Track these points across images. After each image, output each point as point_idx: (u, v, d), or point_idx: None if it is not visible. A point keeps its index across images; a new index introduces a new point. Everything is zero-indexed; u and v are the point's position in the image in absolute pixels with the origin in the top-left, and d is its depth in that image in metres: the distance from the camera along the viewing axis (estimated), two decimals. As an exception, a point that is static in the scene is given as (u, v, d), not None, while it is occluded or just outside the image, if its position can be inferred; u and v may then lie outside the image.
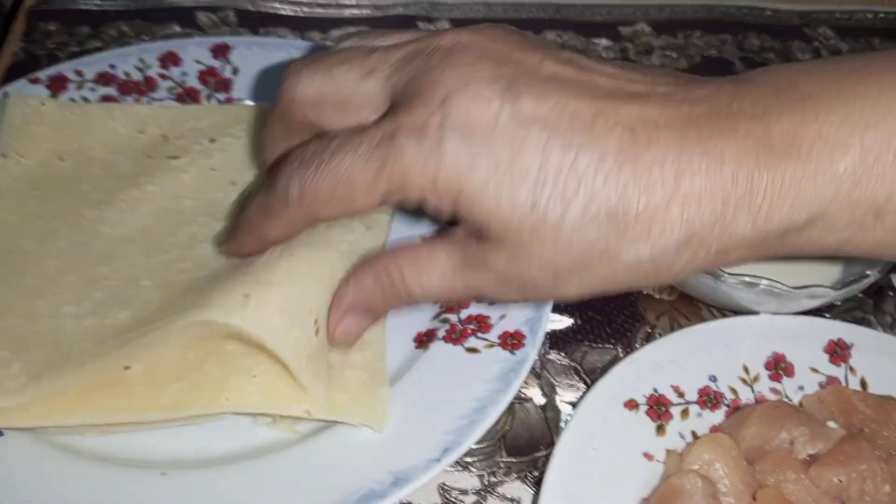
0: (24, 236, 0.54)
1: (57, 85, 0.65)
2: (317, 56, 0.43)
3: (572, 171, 0.36)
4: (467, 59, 0.38)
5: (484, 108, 0.37)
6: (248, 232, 0.46)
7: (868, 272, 0.54)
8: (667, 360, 0.53)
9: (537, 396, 0.55)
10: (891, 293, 0.63)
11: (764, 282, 0.52)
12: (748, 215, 0.36)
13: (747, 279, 0.52)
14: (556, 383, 0.55)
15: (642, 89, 0.38)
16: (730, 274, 0.52)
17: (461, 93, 0.37)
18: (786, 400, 0.52)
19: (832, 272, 0.59)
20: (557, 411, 0.54)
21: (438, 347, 0.53)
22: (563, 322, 0.59)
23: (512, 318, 0.54)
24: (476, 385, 0.50)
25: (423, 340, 0.54)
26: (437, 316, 0.55)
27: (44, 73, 0.66)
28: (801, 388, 0.53)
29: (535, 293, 0.41)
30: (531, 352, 0.51)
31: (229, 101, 0.67)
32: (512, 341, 0.52)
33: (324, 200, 0.40)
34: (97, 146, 0.60)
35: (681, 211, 0.36)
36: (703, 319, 0.59)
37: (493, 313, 0.54)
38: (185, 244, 0.54)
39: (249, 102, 0.67)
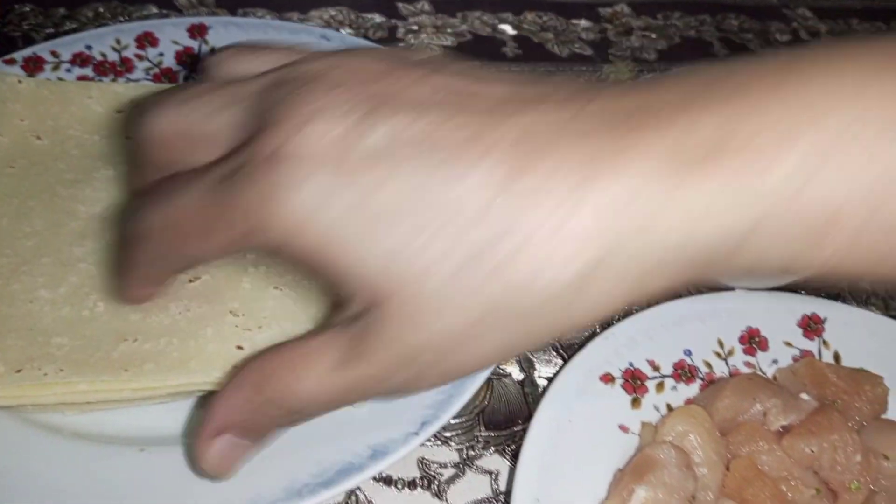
0: None
1: (32, 66, 0.65)
2: (170, 91, 0.38)
3: (444, 205, 0.29)
4: (328, 85, 0.32)
5: (339, 136, 0.30)
6: (128, 277, 0.43)
7: (840, 247, 0.54)
8: (642, 335, 0.53)
9: (516, 372, 0.55)
10: (864, 269, 0.64)
11: (738, 256, 0.53)
12: (665, 234, 0.29)
13: (722, 254, 0.53)
14: (535, 359, 0.56)
15: (543, 91, 0.32)
16: (704, 249, 0.53)
17: (316, 120, 0.31)
18: (760, 373, 0.53)
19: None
20: (536, 386, 0.55)
21: (417, 324, 0.53)
22: (542, 299, 0.59)
23: (490, 295, 0.54)
24: (454, 360, 0.50)
25: (402, 318, 0.54)
26: (416, 294, 0.56)
27: (19, 55, 0.65)
28: (775, 361, 0.54)
29: (434, 374, 0.33)
30: (509, 327, 0.52)
31: (207, 81, 0.67)
32: (490, 317, 0.52)
33: (160, 242, 0.36)
34: (74, 125, 0.60)
35: (585, 235, 0.29)
36: (678, 296, 0.60)
37: (471, 290, 0.54)
38: None
39: (227, 83, 0.67)
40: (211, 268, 0.51)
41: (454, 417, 0.51)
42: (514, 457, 0.51)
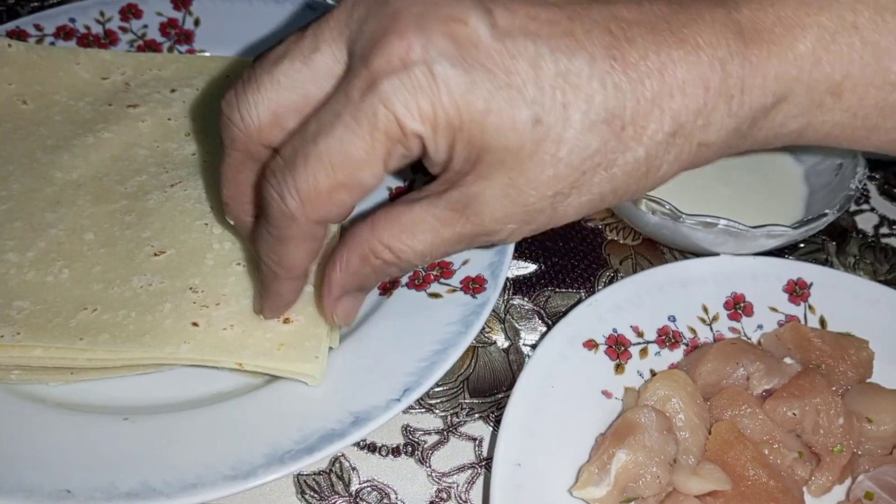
0: None
1: (16, 39, 0.64)
2: (248, 74, 0.39)
3: (567, 78, 0.35)
4: None
5: (462, 26, 0.34)
6: (276, 280, 0.43)
7: (827, 211, 0.54)
8: (626, 302, 0.53)
9: (501, 340, 0.55)
10: (854, 235, 0.64)
11: (722, 221, 0.52)
12: (725, 102, 0.37)
13: (707, 220, 0.53)
14: (520, 327, 0.56)
15: None
16: (688, 215, 0.53)
17: (433, 16, 0.34)
18: (744, 338, 0.53)
19: (793, 214, 0.60)
20: (520, 354, 0.55)
21: (401, 294, 0.53)
22: (528, 268, 0.59)
23: (474, 264, 0.54)
24: (438, 328, 0.50)
25: (388, 287, 0.54)
26: (401, 263, 0.56)
27: (3, 28, 0.65)
28: (759, 326, 0.54)
29: (531, 221, 0.39)
30: (492, 295, 0.52)
31: (191, 52, 0.66)
32: (473, 286, 0.53)
33: (328, 192, 0.36)
34: (61, 90, 0.60)
35: (669, 104, 0.36)
36: (665, 262, 0.60)
37: (455, 259, 0.54)
38: (132, 195, 0.54)
39: (212, 54, 0.66)
40: (177, 243, 0.51)
41: (438, 385, 0.52)
42: (498, 423, 0.51)
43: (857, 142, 0.41)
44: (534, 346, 0.55)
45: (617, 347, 0.51)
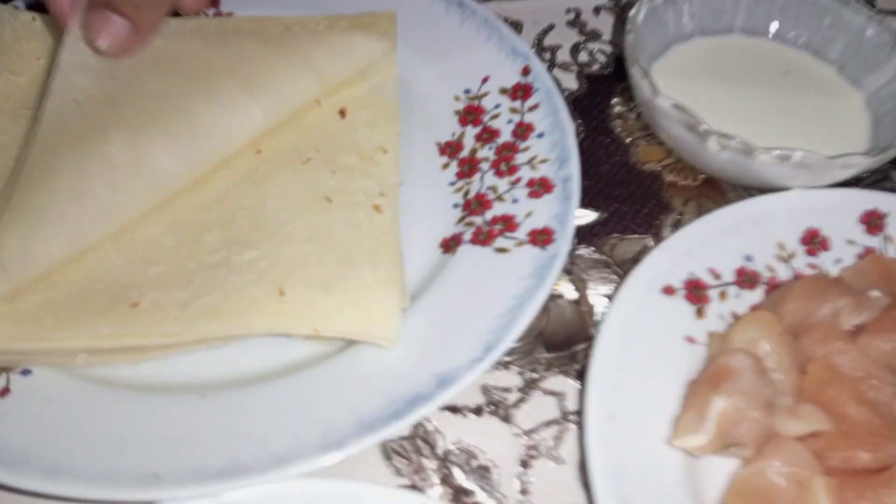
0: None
1: (38, 8, 0.61)
2: None
3: None
4: None
5: None
6: None
7: (902, 137, 0.52)
8: (700, 244, 0.51)
9: (569, 292, 0.54)
10: (918, 161, 0.62)
11: (798, 153, 0.50)
12: None
13: (780, 153, 0.51)
14: (588, 277, 0.54)
15: None
16: (762, 149, 0.51)
17: None
18: (824, 273, 0.51)
19: (858, 142, 0.58)
20: (591, 305, 0.53)
21: (466, 250, 0.51)
22: (589, 216, 0.57)
23: (539, 215, 0.52)
24: (510, 283, 0.49)
25: (450, 245, 0.52)
26: (460, 220, 0.54)
27: (23, 1, 0.62)
28: (838, 261, 0.52)
29: None
30: (563, 246, 0.50)
31: (219, 15, 0.64)
32: (542, 237, 0.51)
33: None
34: None
35: None
36: (729, 202, 0.58)
37: (518, 211, 0.53)
38: None
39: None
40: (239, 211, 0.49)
41: (513, 341, 0.50)
42: (579, 376, 0.50)
43: None
44: (607, 296, 0.53)
45: (696, 292, 0.50)
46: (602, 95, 0.65)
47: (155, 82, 0.51)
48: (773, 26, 0.64)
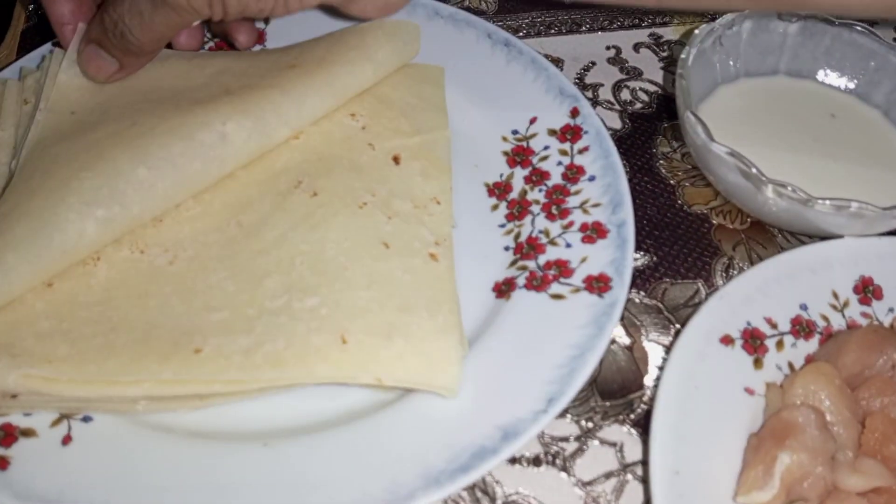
0: None
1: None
2: None
3: None
4: None
5: None
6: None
7: (956, 186, 0.52)
8: (756, 292, 0.51)
9: (622, 338, 0.54)
10: (963, 206, 0.62)
11: (854, 204, 0.51)
12: None
13: (836, 203, 0.51)
14: (640, 323, 0.54)
15: None
16: (819, 199, 0.51)
17: None
18: (877, 323, 0.52)
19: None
20: (645, 352, 0.53)
21: (521, 296, 0.51)
22: (638, 260, 0.58)
23: (594, 261, 0.52)
24: (568, 331, 0.49)
25: (503, 290, 0.52)
26: (512, 263, 0.54)
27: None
28: (891, 310, 0.52)
29: None
30: (620, 293, 0.50)
31: (268, 52, 0.64)
32: (598, 284, 0.51)
33: None
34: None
35: None
36: (778, 246, 0.58)
37: (572, 257, 0.53)
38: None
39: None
40: (299, 255, 0.49)
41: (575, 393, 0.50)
42: (636, 426, 0.50)
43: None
44: (662, 344, 0.53)
45: (753, 341, 0.50)
46: (646, 135, 0.66)
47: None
48: (819, 68, 0.64)
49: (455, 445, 0.44)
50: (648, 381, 0.52)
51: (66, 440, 0.45)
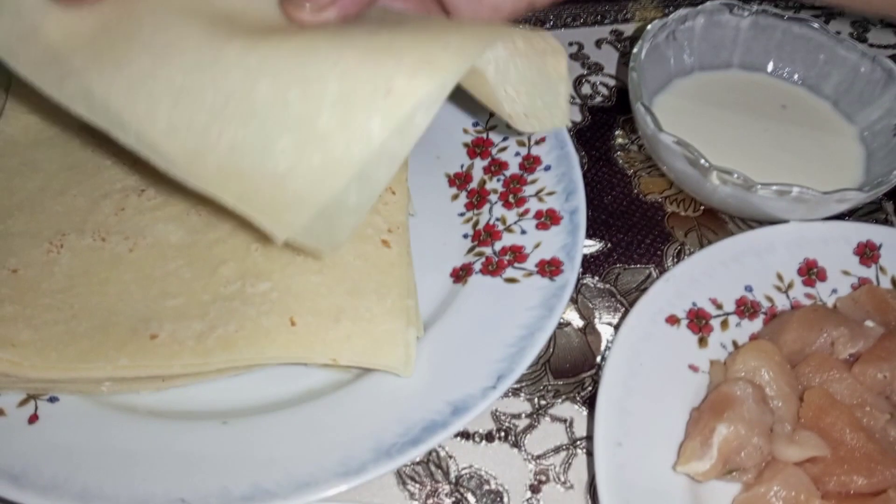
0: None
1: None
2: None
3: None
4: None
5: None
6: None
7: (895, 171, 0.54)
8: (702, 275, 0.53)
9: (576, 320, 0.56)
10: (910, 193, 0.64)
11: (795, 189, 0.53)
12: None
13: (778, 188, 0.53)
14: (593, 306, 0.56)
15: None
16: (761, 184, 0.53)
17: None
18: (820, 304, 0.54)
19: (852, 176, 0.60)
20: (598, 334, 0.55)
21: (477, 280, 0.53)
22: (594, 246, 0.59)
23: (546, 247, 0.54)
24: (520, 313, 0.51)
25: (460, 275, 0.54)
26: (470, 250, 0.56)
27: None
28: (834, 291, 0.54)
29: None
30: (571, 277, 0.52)
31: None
32: (550, 268, 0.53)
33: None
34: None
35: None
36: (729, 233, 0.60)
37: (526, 242, 0.55)
38: None
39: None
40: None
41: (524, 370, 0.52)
42: (585, 403, 0.51)
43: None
44: (613, 325, 0.55)
45: (698, 321, 0.52)
46: (605, 127, 0.67)
47: None
48: (770, 62, 0.66)
49: (407, 420, 0.45)
50: (600, 360, 0.53)
51: (33, 419, 0.46)
